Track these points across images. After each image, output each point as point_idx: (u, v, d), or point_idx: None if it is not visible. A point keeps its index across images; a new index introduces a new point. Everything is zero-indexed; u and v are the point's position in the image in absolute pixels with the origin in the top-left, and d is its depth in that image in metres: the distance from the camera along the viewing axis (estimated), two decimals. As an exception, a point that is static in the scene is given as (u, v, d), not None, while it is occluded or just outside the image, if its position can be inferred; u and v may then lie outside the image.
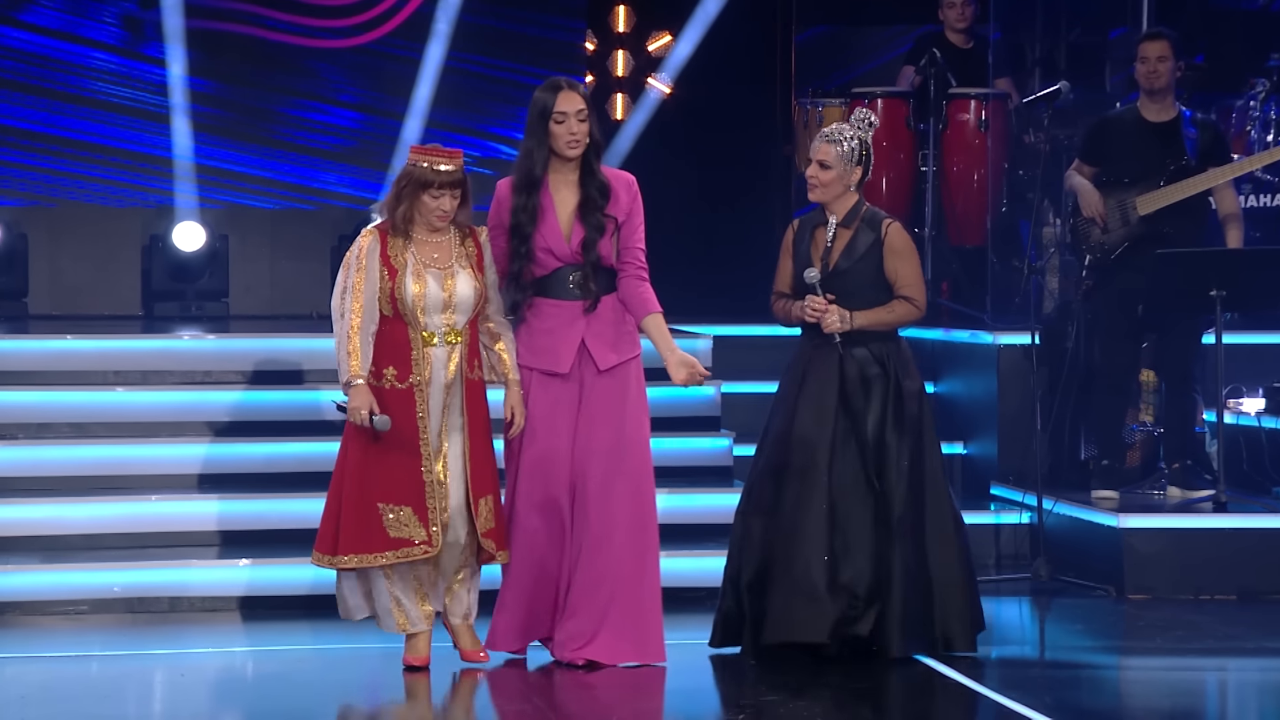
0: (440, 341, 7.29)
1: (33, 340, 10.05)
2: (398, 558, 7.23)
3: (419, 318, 7.26)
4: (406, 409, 7.24)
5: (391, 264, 7.25)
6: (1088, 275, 9.45)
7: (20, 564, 8.70)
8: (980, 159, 11.23)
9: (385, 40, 12.14)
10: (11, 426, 9.38)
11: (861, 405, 7.54)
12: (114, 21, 11.89)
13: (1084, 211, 9.43)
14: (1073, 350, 9.59)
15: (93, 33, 11.87)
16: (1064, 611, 8.85)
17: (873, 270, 7.58)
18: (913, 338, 10.74)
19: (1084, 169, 9.48)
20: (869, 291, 7.58)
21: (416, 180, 7.25)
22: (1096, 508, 9.25)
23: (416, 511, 7.23)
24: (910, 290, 7.62)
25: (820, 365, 7.57)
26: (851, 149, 7.57)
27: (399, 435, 7.22)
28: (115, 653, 7.96)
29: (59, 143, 11.83)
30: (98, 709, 7.14)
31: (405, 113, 12.08)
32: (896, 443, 7.53)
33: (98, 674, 7.70)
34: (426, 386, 7.27)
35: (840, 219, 7.63)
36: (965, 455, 10.26)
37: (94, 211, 11.94)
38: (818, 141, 7.64)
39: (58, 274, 11.87)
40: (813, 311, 7.56)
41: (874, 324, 7.58)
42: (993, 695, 7.20)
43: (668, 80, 12.55)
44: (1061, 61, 11.16)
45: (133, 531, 8.95)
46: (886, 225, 7.63)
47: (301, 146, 12.10)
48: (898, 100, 11.40)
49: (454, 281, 7.28)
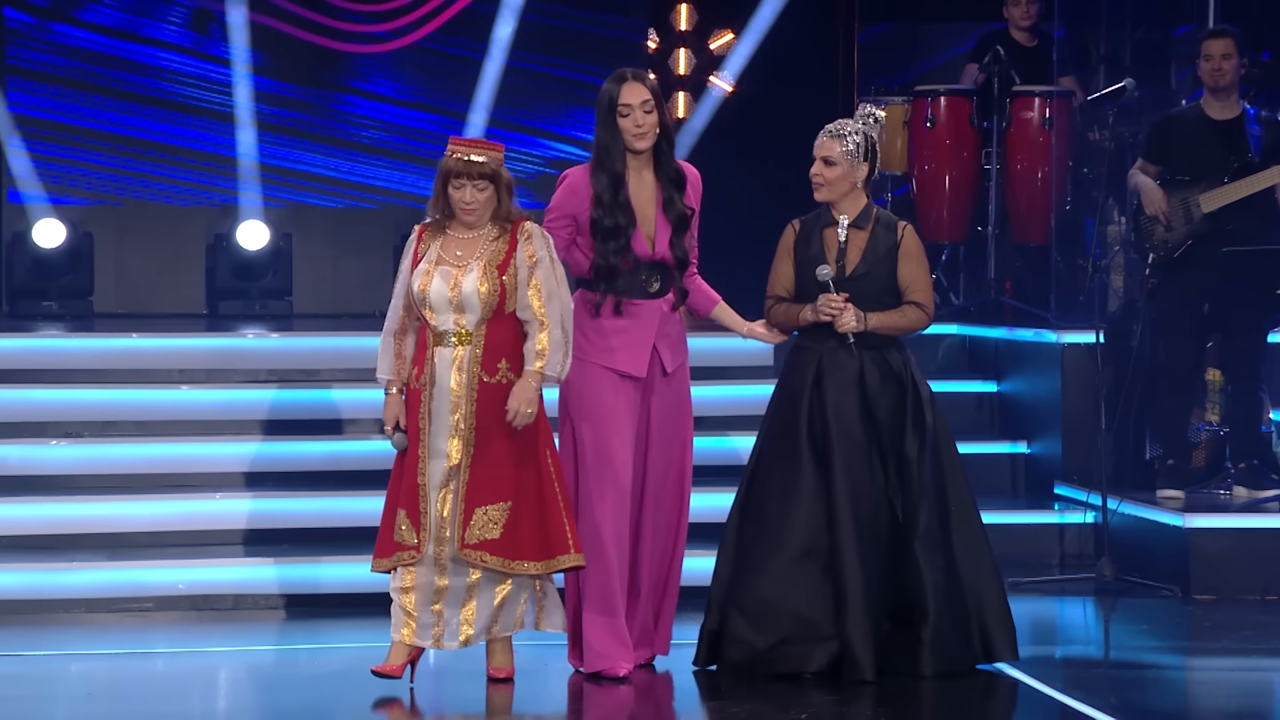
0: (449, 342, 7.02)
1: (98, 339, 10.11)
2: (393, 563, 7.04)
3: (429, 316, 7.02)
4: (415, 411, 7.04)
5: (417, 260, 7.08)
6: (1151, 274, 9.39)
7: (86, 561, 8.74)
8: (1044, 157, 11.17)
9: (448, 39, 12.15)
10: (77, 424, 9.43)
11: (883, 416, 7.22)
12: (179, 21, 11.93)
13: (1147, 210, 9.37)
14: (1138, 349, 9.53)
15: (158, 32, 11.91)
16: (1129, 612, 8.79)
17: (889, 275, 7.28)
18: (975, 336, 10.75)
19: (1148, 167, 9.43)
20: (881, 296, 7.28)
21: (443, 171, 7.07)
22: (1162, 507, 9.19)
23: (410, 516, 7.02)
24: (921, 296, 7.32)
25: (839, 371, 7.23)
26: (857, 145, 7.22)
27: (412, 440, 7.05)
28: (179, 650, 7.99)
29: (124, 142, 11.88)
30: (162, 706, 7.15)
31: (468, 111, 12.09)
32: (917, 454, 7.21)
33: (162, 671, 7.73)
34: (430, 388, 7.01)
35: (852, 219, 7.29)
36: (1029, 455, 10.21)
37: (159, 210, 11.99)
38: (821, 137, 7.29)
39: (123, 273, 11.92)
40: (829, 310, 7.22)
41: (886, 327, 7.26)
42: (1057, 695, 7.16)
43: (729, 79, 12.52)
44: (1126, 59, 11.09)
45: (197, 529, 8.98)
46: (903, 228, 7.32)
47: (365, 145, 12.12)
48: (961, 98, 11.34)
49: (462, 280, 7.00)
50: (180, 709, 7.13)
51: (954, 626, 7.22)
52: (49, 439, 9.34)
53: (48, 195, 11.75)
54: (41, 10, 11.76)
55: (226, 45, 11.91)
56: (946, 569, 7.21)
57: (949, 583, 7.21)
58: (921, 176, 11.43)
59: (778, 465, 7.26)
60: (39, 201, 11.70)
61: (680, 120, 12.65)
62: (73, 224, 11.60)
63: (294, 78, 12.03)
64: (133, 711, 7.08)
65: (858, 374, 7.23)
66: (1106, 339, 9.59)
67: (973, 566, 7.28)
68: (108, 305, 11.79)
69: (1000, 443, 10.27)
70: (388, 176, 12.20)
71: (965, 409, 10.43)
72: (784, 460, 7.24)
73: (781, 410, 7.30)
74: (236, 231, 11.70)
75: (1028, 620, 8.74)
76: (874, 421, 7.21)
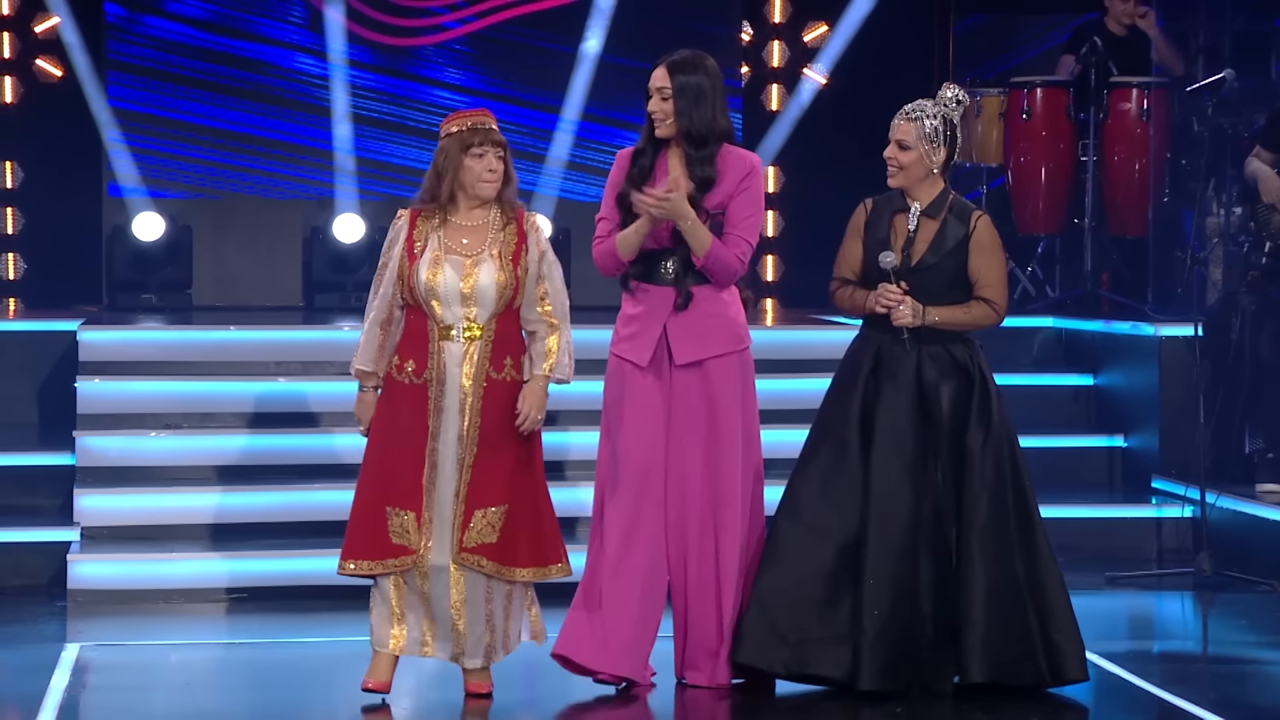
0: (458, 336, 6.69)
1: (196, 331, 10.16)
2: (395, 566, 6.71)
3: (434, 309, 6.67)
4: (417, 407, 6.69)
5: (413, 248, 6.69)
6: (1252, 263, 9.28)
7: (184, 552, 8.79)
8: (1142, 148, 11.08)
9: (543, 33, 12.15)
10: (175, 416, 9.48)
11: (942, 410, 6.81)
12: (277, 15, 11.98)
13: (1264, 198, 9.30)
14: (1238, 341, 9.43)
15: (256, 27, 11.97)
16: (1227, 607, 8.70)
17: (958, 267, 6.88)
18: (1072, 329, 10.68)
19: (1264, 154, 9.36)
20: (949, 290, 6.88)
21: (457, 144, 6.66)
22: (1262, 501, 9.09)
23: (418, 518, 6.69)
24: (991, 292, 6.89)
25: (896, 365, 6.85)
26: (934, 127, 6.85)
27: (408, 436, 6.71)
28: (276, 640, 8.02)
29: (223, 136, 11.94)
30: (258, 696, 7.19)
31: (560, 105, 12.08)
32: (980, 447, 6.80)
33: (259, 661, 7.76)
34: (439, 384, 6.68)
35: (925, 207, 6.89)
36: (1126, 448, 10.12)
37: (256, 204, 12.04)
38: (897, 119, 6.91)
39: (221, 266, 11.99)
40: (886, 301, 6.85)
41: (948, 323, 6.85)
42: (1156, 691, 7.09)
43: (823, 71, 12.47)
44: (1226, 50, 10.97)
45: (294, 520, 9.02)
46: (976, 218, 6.91)
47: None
48: (1058, 89, 11.27)
49: (476, 272, 6.69)
50: (276, 699, 7.16)
51: (1010, 633, 6.78)
52: (148, 430, 9.40)
53: (147, 189, 11.82)
54: (141, 5, 11.84)
55: (323, 40, 11.95)
56: (1002, 570, 6.79)
57: (1005, 585, 6.79)
58: (1017, 168, 11.38)
59: (822, 455, 6.92)
60: (139, 195, 11.78)
61: (774, 112, 12.60)
62: (171, 217, 11.67)
63: (388, 71, 12.06)
64: (230, 701, 7.11)
65: (915, 370, 6.86)
66: (1205, 332, 9.49)
67: (1035, 575, 6.84)
68: (206, 298, 11.85)
69: (1097, 436, 10.20)
70: (482, 169, 12.21)
71: (1062, 402, 10.38)
72: (829, 451, 6.91)
73: (834, 399, 6.97)
74: (332, 224, 11.74)
75: (1125, 615, 8.70)
76: (930, 419, 6.84)
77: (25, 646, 7.87)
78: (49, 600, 8.60)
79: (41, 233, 12.10)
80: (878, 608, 6.77)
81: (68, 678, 7.24)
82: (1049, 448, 9.98)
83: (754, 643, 6.87)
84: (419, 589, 6.77)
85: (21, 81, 12.13)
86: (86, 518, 8.98)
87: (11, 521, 9.01)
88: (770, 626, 6.85)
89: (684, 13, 12.05)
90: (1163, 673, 7.45)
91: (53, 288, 11.86)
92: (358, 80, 12.00)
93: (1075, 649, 6.86)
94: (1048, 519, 7.03)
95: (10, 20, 12.12)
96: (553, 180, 12.08)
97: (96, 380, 9.52)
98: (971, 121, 11.47)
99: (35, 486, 9.26)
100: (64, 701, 6.92)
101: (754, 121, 12.43)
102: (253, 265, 12.02)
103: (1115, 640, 8.14)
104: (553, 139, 12.08)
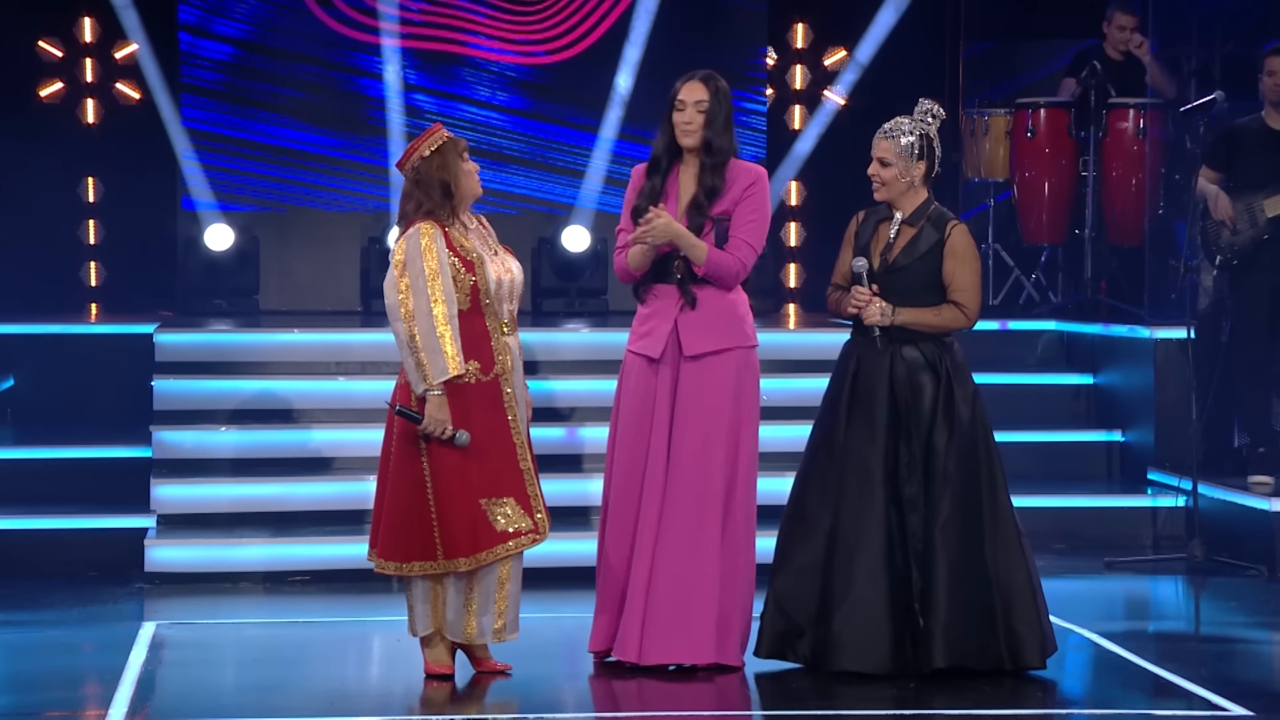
0: (510, 329, 6.72)
1: (263, 333, 10.19)
2: (509, 550, 6.62)
3: (500, 307, 6.66)
4: (494, 400, 6.62)
5: (465, 256, 6.60)
6: (1218, 275, 9.28)
7: (253, 537, 8.82)
8: (1138, 164, 11.08)
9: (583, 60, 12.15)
10: (243, 413, 9.51)
11: (910, 408, 6.72)
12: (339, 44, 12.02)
13: (1214, 215, 9.27)
14: (1226, 343, 9.43)
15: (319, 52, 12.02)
16: (1218, 590, 8.68)
17: (930, 271, 6.78)
18: (1073, 332, 10.66)
19: (1209, 173, 9.35)
20: (922, 292, 6.77)
21: (450, 153, 6.62)
22: (1251, 492, 9.07)
23: (520, 502, 6.64)
24: (962, 296, 6.77)
25: (870, 364, 6.79)
26: (910, 144, 6.80)
27: (491, 428, 6.62)
28: (337, 619, 8.04)
29: (287, 154, 11.98)
30: (320, 671, 7.20)
31: (599, 126, 12.09)
32: (944, 445, 6.67)
33: (320, 639, 7.78)
34: (510, 375, 6.67)
35: (906, 216, 6.84)
36: (1123, 443, 10.10)
37: (318, 216, 12.08)
38: (877, 138, 6.86)
39: (286, 273, 12.03)
40: (855, 301, 6.79)
41: (916, 323, 6.75)
42: (1151, 667, 7.07)
43: (842, 92, 12.46)
44: (1216, 73, 10.95)
45: (353, 509, 9.02)
46: (951, 226, 6.81)
47: (505, 155, 12.14)
48: (1060, 110, 11.29)
49: (511, 268, 6.73)
50: (337, 673, 7.18)
51: (972, 620, 6.65)
52: (218, 425, 9.43)
53: (218, 203, 11.87)
54: (212, 34, 11.88)
55: (380, 63, 11.98)
56: (968, 561, 6.66)
57: (969, 575, 6.66)
58: (1023, 183, 11.39)
59: (817, 455, 6.87)
60: (210, 209, 11.83)
61: (796, 131, 12.59)
62: (240, 229, 11.72)
63: (439, 93, 12.08)
64: (293, 675, 7.12)
65: (888, 368, 6.76)
66: (1196, 334, 9.47)
67: (1003, 568, 6.71)
68: (271, 303, 11.89)
69: (1096, 431, 10.18)
70: (525, 184, 12.23)
71: (1063, 400, 10.36)
72: (822, 449, 6.85)
73: (826, 399, 6.93)
74: (388, 235, 11.75)
75: (1122, 598, 8.68)
76: (898, 414, 6.74)
77: (106, 625, 7.90)
78: (127, 582, 8.64)
79: (121, 243, 12.16)
80: (864, 595, 6.68)
81: (145, 654, 7.27)
82: (1051, 442, 9.99)
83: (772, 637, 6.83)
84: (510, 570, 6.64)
85: (103, 104, 12.19)
86: (162, 506, 9.01)
87: (93, 509, 9.05)
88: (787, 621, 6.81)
89: (712, 39, 12.05)
90: (1158, 651, 7.42)
91: (131, 294, 11.92)
92: (411, 101, 12.02)
93: (1035, 638, 6.72)
94: (1051, 509, 6.99)
95: (92, 47, 12.18)
96: (591, 194, 12.10)
97: (171, 379, 9.57)
98: (980, 139, 11.49)
99: (115, 477, 9.30)
100: (141, 676, 6.95)
101: (778, 139, 12.42)
102: (314, 273, 12.05)
103: (1113, 621, 8.13)
104: (591, 156, 12.09)
